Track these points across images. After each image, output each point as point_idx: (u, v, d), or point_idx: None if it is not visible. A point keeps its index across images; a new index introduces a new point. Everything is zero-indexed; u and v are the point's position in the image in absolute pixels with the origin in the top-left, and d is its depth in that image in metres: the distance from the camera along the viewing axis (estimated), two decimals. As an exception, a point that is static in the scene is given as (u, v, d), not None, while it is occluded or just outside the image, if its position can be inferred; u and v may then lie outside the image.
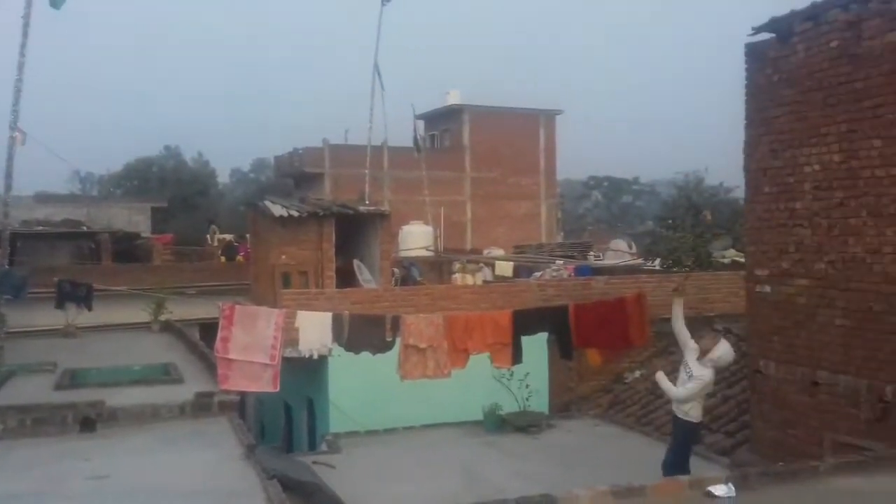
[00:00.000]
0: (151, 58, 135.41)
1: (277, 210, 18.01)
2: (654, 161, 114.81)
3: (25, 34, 15.63)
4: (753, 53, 10.72)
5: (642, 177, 79.45)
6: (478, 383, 12.90)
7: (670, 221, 26.01)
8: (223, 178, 70.07)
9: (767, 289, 10.57)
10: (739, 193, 13.63)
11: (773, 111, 10.37)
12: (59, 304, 19.54)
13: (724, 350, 9.70)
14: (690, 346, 9.85)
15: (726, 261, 21.67)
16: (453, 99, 48.36)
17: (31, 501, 9.16)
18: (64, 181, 62.25)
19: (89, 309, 19.21)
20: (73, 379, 15.35)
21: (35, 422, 12.19)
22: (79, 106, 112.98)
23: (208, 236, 40.07)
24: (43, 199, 43.98)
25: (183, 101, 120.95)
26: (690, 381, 9.52)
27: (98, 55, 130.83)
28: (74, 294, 19.23)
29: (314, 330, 11.74)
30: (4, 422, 12.05)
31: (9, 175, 16.11)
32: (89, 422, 12.40)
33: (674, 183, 30.88)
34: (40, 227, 33.39)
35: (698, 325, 16.01)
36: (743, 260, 13.64)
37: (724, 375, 12.72)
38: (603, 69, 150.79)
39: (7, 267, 18.27)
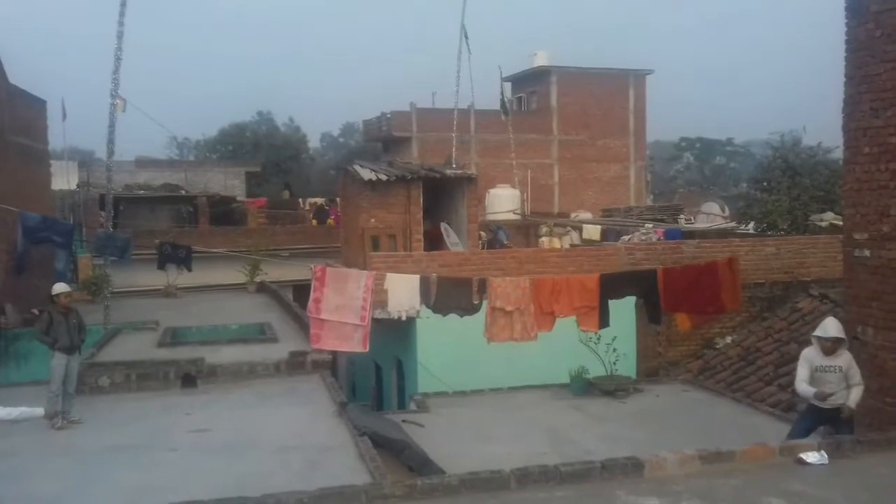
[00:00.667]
0: (242, 23, 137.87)
1: (366, 174, 18.25)
2: (748, 121, 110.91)
3: (123, 3, 16.18)
4: (854, 7, 10.25)
5: (736, 137, 76.99)
6: (564, 347, 12.93)
7: (765, 183, 25.23)
8: (314, 142, 71.13)
9: (866, 253, 10.20)
10: (839, 154, 13.11)
11: (875, 68, 9.92)
12: (161, 266, 20.34)
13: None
14: (806, 357, 9.17)
15: (824, 224, 20.99)
16: (540, 60, 47.67)
17: (140, 453, 9.70)
18: (162, 146, 64.50)
19: (189, 270, 19.96)
20: (174, 337, 16.09)
21: (140, 377, 12.86)
22: (175, 74, 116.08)
23: (300, 200, 41.02)
24: (143, 163, 45.53)
25: (274, 66, 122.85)
26: (848, 374, 8.79)
27: (192, 23, 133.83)
28: (175, 256, 19.99)
29: (403, 292, 11.96)
30: (112, 377, 12.74)
31: (111, 141, 16.89)
32: (190, 378, 13.01)
33: (769, 143, 29.76)
34: (141, 192, 34.70)
35: (793, 289, 15.81)
36: (841, 223, 13.19)
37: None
38: (694, 24, 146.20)
39: (111, 230, 19.14)
